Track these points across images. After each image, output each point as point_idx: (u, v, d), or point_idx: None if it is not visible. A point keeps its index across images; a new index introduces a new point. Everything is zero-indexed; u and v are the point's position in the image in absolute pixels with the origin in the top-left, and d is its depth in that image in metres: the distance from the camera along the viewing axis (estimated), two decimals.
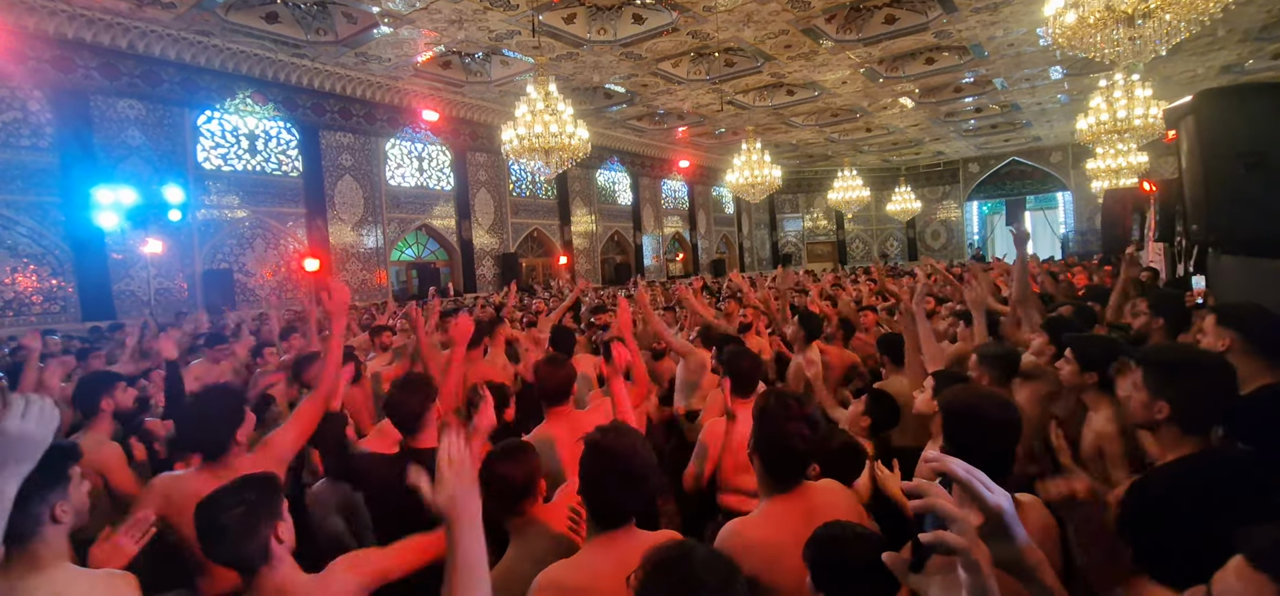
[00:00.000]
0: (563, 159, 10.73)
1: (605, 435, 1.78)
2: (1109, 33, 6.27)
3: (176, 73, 11.21)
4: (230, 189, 12.26)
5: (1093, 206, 21.66)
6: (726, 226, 28.10)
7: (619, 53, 12.83)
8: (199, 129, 11.86)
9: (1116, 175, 15.53)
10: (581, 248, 20.45)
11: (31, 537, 1.62)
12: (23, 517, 1.61)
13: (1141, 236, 9.76)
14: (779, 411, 1.89)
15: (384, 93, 14.12)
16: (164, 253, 11.07)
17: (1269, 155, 2.91)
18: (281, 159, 13.13)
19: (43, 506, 1.65)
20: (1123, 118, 11.35)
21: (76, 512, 1.75)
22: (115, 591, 1.73)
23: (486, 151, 16.82)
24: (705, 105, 17.17)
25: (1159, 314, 3.56)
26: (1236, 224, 3.17)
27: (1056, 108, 19.31)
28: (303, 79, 12.77)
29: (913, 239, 28.61)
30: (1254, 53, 14.90)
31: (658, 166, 23.09)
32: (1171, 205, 6.09)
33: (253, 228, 12.60)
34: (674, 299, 9.52)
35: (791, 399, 1.97)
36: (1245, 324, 2.18)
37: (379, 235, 14.72)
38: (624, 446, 1.74)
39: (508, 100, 14.21)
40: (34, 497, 1.63)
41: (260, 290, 12.68)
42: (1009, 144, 25.34)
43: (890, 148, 24.70)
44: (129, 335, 5.91)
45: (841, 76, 15.24)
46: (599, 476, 1.70)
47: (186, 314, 9.18)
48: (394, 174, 15.24)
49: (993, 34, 12.91)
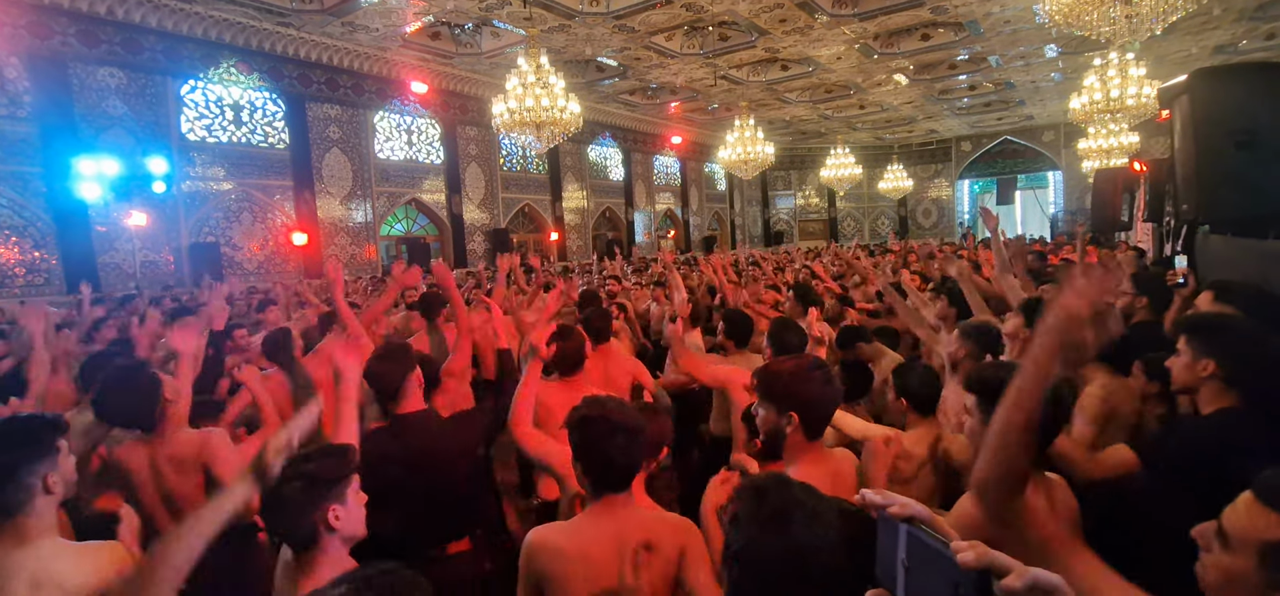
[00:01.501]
0: (554, 133, 10.63)
1: (590, 404, 1.80)
2: (1105, 10, 6.24)
3: (158, 40, 10.96)
4: (216, 160, 12.07)
5: (1083, 186, 21.75)
6: (719, 203, 28.02)
7: (612, 25, 12.66)
8: (182, 99, 11.64)
9: (1107, 155, 15.58)
10: (573, 224, 20.34)
11: (20, 510, 1.62)
12: (15, 489, 1.62)
13: (1130, 217, 9.82)
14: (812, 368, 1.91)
15: (372, 64, 13.89)
16: (149, 225, 10.91)
17: (1261, 135, 2.92)
18: (268, 130, 12.92)
19: (34, 478, 1.65)
20: (1116, 97, 11.35)
21: (66, 483, 1.76)
22: (103, 562, 1.72)
23: (477, 125, 16.63)
24: (698, 80, 17.01)
25: (1143, 292, 3.61)
26: (1226, 203, 3.18)
27: (1050, 86, 19.28)
28: (288, 48, 12.53)
29: (904, 217, 28.67)
30: (1248, 33, 14.89)
31: (650, 142, 22.93)
32: (1161, 185, 6.12)
33: (239, 200, 12.44)
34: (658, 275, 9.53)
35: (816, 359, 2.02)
36: (1245, 302, 2.19)
37: (368, 209, 14.57)
38: (612, 407, 1.77)
39: (498, 73, 14.02)
40: (22, 469, 1.63)
41: (248, 263, 12.55)
42: (1001, 123, 25.32)
43: (883, 125, 24.63)
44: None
45: (836, 52, 15.12)
46: (593, 439, 1.70)
47: (171, 287, 9.09)
48: (383, 147, 15.04)
49: (989, 10, 12.83)
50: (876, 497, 0.82)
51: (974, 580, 0.68)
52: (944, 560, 0.71)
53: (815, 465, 1.86)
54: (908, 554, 0.77)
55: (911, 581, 0.76)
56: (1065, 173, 25.34)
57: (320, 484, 1.60)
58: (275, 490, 1.57)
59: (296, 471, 1.60)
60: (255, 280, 12.10)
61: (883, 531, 0.81)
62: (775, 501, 1.15)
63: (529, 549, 1.70)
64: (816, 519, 1.13)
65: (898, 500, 0.79)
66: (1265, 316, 2.22)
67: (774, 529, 1.12)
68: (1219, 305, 2.22)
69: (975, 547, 0.68)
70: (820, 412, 1.88)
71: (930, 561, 0.74)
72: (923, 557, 0.75)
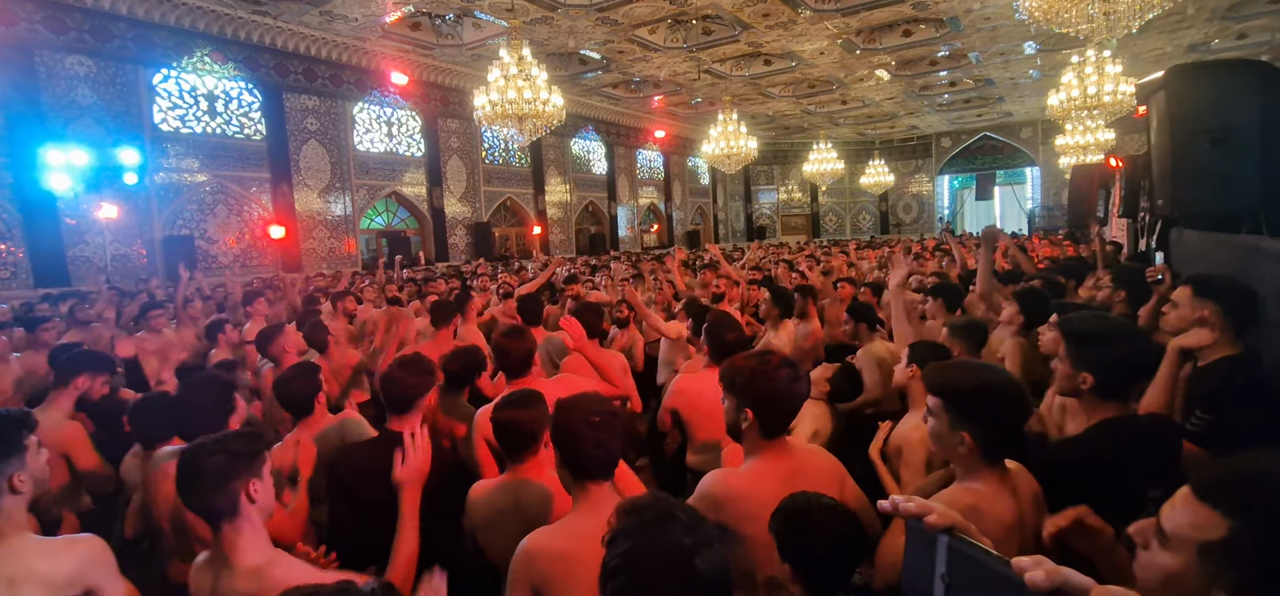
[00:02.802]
0: (537, 126, 10.53)
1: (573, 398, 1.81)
2: (1083, 7, 6.30)
3: (128, 28, 10.68)
4: (190, 152, 11.81)
5: (1060, 182, 22.07)
6: (702, 198, 28.05)
7: (594, 17, 12.58)
8: (155, 88, 11.36)
9: (1084, 151, 15.79)
10: (556, 218, 20.24)
11: None
12: None
13: (1106, 212, 9.96)
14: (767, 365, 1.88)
15: (351, 54, 13.67)
16: (120, 218, 10.66)
17: (1234, 131, 2.95)
18: (243, 121, 12.67)
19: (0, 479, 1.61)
20: (1093, 94, 11.50)
21: (35, 481, 1.73)
22: (82, 555, 1.69)
23: (458, 117, 16.45)
24: (682, 74, 16.98)
25: (1121, 286, 3.67)
26: (1200, 198, 3.22)
27: (1028, 83, 19.52)
28: (265, 38, 12.28)
29: (885, 212, 28.92)
30: (1220, 32, 15.18)
31: (633, 136, 22.86)
32: (1136, 180, 6.20)
33: (214, 193, 12.19)
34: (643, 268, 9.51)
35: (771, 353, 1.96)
36: (1224, 295, 2.21)
37: (347, 202, 14.36)
38: (588, 400, 1.79)
39: (480, 65, 13.87)
40: None
41: (223, 257, 12.32)
42: (981, 119, 25.61)
43: (865, 120, 24.79)
44: None
45: (819, 47, 15.17)
46: (574, 433, 1.71)
47: (145, 282, 8.89)
48: (362, 139, 14.83)
49: (970, 6, 12.93)
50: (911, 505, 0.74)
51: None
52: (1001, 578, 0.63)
53: (771, 462, 1.85)
54: (949, 568, 0.69)
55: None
56: (1043, 169, 25.70)
57: (240, 458, 1.64)
58: (195, 463, 1.61)
59: (215, 447, 1.64)
60: (231, 274, 11.89)
61: (913, 542, 0.73)
62: (656, 509, 1.17)
63: (525, 555, 1.67)
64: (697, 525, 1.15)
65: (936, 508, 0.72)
66: (1239, 309, 2.25)
67: (655, 532, 1.12)
68: (1198, 299, 2.24)
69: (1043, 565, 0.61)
70: (778, 410, 1.86)
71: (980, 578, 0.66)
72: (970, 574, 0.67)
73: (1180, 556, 0.88)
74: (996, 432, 1.59)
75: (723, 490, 1.81)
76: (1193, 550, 0.87)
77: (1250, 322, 2.28)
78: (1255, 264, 2.43)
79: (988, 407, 1.57)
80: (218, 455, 1.62)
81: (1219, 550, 0.84)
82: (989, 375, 1.65)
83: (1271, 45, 16.03)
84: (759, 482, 1.80)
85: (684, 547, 1.11)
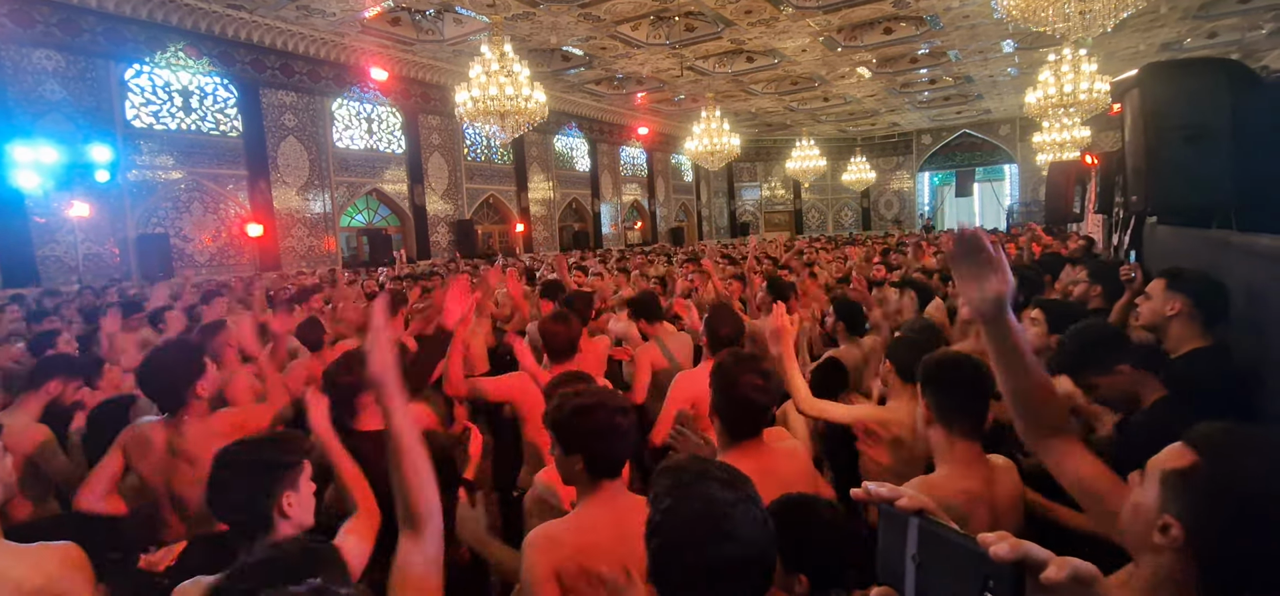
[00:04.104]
0: (519, 123, 10.48)
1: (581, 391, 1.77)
2: (1060, 6, 6.39)
3: (98, 22, 10.44)
4: (164, 149, 11.58)
5: (1037, 179, 22.40)
6: (685, 194, 28.08)
7: (577, 13, 12.52)
8: (127, 84, 11.13)
9: (1061, 148, 16.03)
10: (539, 215, 20.15)
11: None
12: None
13: (1082, 208, 10.12)
14: (734, 367, 1.89)
15: (329, 49, 13.48)
16: (92, 216, 10.43)
17: (1207, 128, 2.99)
18: (219, 118, 12.45)
19: None
20: (1069, 91, 11.67)
21: (4, 486, 1.70)
22: (57, 563, 1.64)
23: (439, 114, 16.30)
24: (665, 70, 16.97)
25: (1097, 282, 3.73)
26: (1173, 194, 3.26)
27: (1007, 81, 19.76)
28: (240, 32, 12.07)
29: (867, 209, 29.15)
30: (1192, 31, 15.47)
31: (617, 133, 22.82)
32: (1111, 177, 6.30)
33: (190, 190, 11.97)
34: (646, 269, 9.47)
35: (746, 355, 1.97)
36: (1195, 289, 2.25)
37: (326, 200, 14.18)
38: (602, 393, 1.76)
39: (461, 60, 13.75)
40: None
41: (200, 256, 12.11)
42: (961, 116, 25.89)
43: (847, 118, 24.96)
44: None
45: (801, 44, 15.23)
46: (593, 427, 1.67)
47: (118, 281, 8.72)
48: (342, 136, 14.64)
49: (949, 4, 13.06)
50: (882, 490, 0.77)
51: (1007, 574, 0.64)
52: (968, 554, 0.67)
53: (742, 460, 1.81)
54: (919, 549, 0.72)
55: (924, 577, 0.71)
56: (1021, 165, 26.06)
57: (277, 468, 1.54)
58: (225, 475, 1.51)
59: (251, 455, 1.53)
60: (207, 273, 11.69)
61: (886, 526, 0.76)
62: (695, 469, 1.21)
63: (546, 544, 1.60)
64: (736, 482, 1.19)
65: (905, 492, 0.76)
66: (1211, 302, 2.30)
67: (695, 488, 1.16)
68: (1171, 292, 2.28)
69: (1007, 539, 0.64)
70: (742, 413, 1.87)
71: (949, 556, 0.69)
72: (939, 552, 0.70)
73: (1150, 489, 1.00)
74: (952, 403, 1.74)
75: None
76: (1159, 478, 0.99)
77: (1221, 316, 2.32)
78: (1225, 258, 2.48)
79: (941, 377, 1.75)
80: (247, 463, 1.52)
81: (1177, 477, 0.96)
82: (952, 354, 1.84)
83: (1241, 44, 16.38)
84: None
85: (724, 501, 1.15)
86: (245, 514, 1.52)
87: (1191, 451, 0.97)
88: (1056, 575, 0.64)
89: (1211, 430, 0.99)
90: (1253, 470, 0.92)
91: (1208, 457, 0.95)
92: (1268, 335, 2.04)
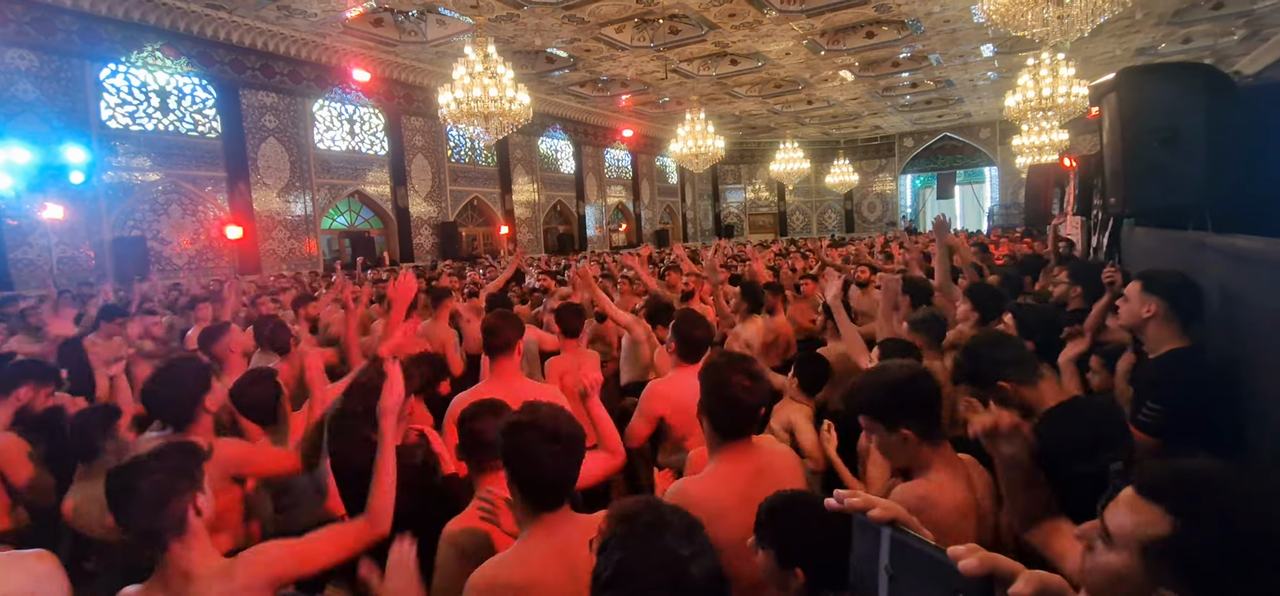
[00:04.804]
0: (503, 125, 10.42)
1: (529, 412, 1.65)
2: (1039, 11, 6.48)
3: (73, 21, 10.25)
4: (140, 150, 11.38)
5: (1017, 181, 22.70)
6: (670, 197, 28.12)
7: (561, 16, 12.49)
8: (102, 84, 10.93)
9: (1039, 151, 16.27)
10: (523, 217, 20.07)
11: None
12: None
13: (1061, 210, 10.27)
14: (724, 367, 1.89)
15: (310, 50, 13.33)
16: (66, 218, 10.22)
17: (1181, 131, 3.04)
18: (198, 119, 12.26)
19: None
20: (1048, 95, 11.84)
21: None
22: (31, 572, 1.61)
23: (423, 115, 16.18)
24: (649, 73, 16.99)
25: (1077, 282, 3.78)
26: (1149, 196, 3.30)
27: (986, 84, 20.02)
28: (219, 32, 11.90)
29: (850, 211, 29.38)
30: (1166, 36, 15.78)
31: (601, 135, 22.80)
32: (1089, 179, 6.39)
33: (167, 192, 11.77)
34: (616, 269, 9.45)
35: (737, 356, 1.98)
36: (1171, 291, 2.28)
37: (308, 202, 14.01)
38: (549, 416, 1.62)
39: (445, 62, 13.67)
40: None
41: (178, 259, 11.91)
42: (942, 119, 26.19)
43: (830, 121, 25.14)
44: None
45: (784, 47, 15.32)
46: (530, 452, 1.56)
47: (91, 285, 8.54)
48: (323, 137, 14.48)
49: (930, 9, 13.20)
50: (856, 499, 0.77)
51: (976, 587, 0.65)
52: (939, 566, 0.67)
53: (732, 463, 1.85)
54: (891, 559, 0.73)
55: (896, 588, 0.72)
56: (1001, 168, 26.40)
57: (180, 473, 1.57)
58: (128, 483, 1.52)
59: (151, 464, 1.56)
60: (186, 276, 11.50)
61: (859, 536, 0.77)
62: (649, 516, 1.14)
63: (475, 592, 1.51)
64: (692, 532, 1.13)
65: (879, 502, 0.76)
66: (1186, 303, 2.33)
67: (649, 540, 1.10)
68: (1146, 294, 2.31)
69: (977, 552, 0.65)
70: (733, 413, 1.86)
71: (920, 567, 0.70)
72: (911, 563, 0.71)
73: (1124, 555, 0.89)
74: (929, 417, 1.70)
75: (681, 500, 1.73)
76: (1137, 548, 0.87)
77: (1195, 316, 2.36)
78: (1201, 258, 2.52)
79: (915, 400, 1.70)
80: (156, 474, 1.53)
81: (1162, 548, 0.85)
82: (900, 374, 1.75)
83: (1214, 50, 16.73)
84: (720, 485, 1.79)
85: (680, 557, 1.09)
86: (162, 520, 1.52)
87: (1161, 513, 0.86)
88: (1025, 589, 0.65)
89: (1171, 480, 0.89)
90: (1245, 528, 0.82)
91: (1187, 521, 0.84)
92: (1243, 334, 2.08)
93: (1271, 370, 1.83)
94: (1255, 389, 1.97)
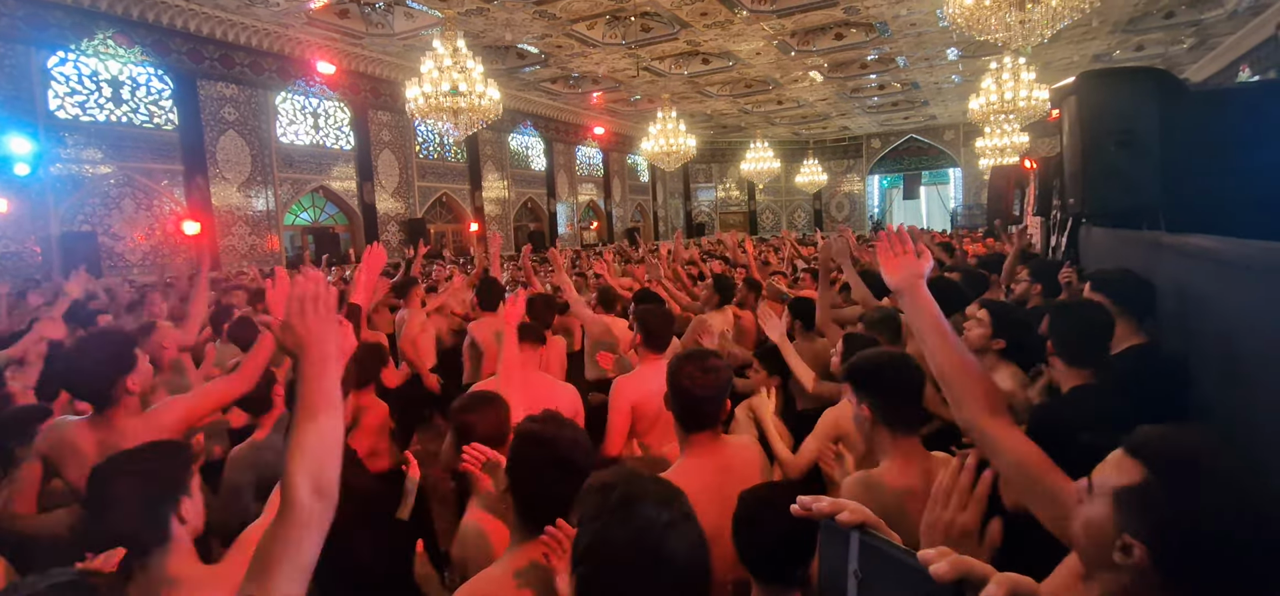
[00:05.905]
0: (472, 121, 10.27)
1: (541, 423, 1.59)
2: (1002, 16, 6.63)
3: (19, 5, 9.80)
4: (91, 142, 10.94)
5: (980, 183, 23.25)
6: (641, 195, 28.12)
7: (532, 11, 12.38)
8: (50, 72, 10.47)
9: (1001, 153, 16.68)
10: (493, 214, 19.85)
11: None
12: None
13: (1022, 211, 10.56)
14: (682, 360, 1.91)
15: (272, 41, 12.98)
16: (11, 212, 9.78)
17: (1137, 134, 3.13)
18: (153, 110, 11.84)
19: None
20: (1010, 98, 12.14)
21: None
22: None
23: (390, 110, 15.88)
24: (621, 70, 16.94)
25: (1037, 280, 3.88)
26: (1106, 197, 3.39)
27: (951, 87, 20.45)
28: (176, 21, 11.50)
29: (819, 210, 29.75)
30: (1121, 44, 16.32)
31: (573, 132, 22.68)
32: (1049, 181, 6.57)
33: (120, 186, 11.34)
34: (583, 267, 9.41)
35: (693, 351, 1.99)
36: (1118, 288, 2.35)
37: (270, 197, 13.64)
38: (565, 436, 1.57)
39: (412, 55, 13.43)
40: None
41: (131, 255, 11.48)
42: (908, 121, 26.67)
43: (800, 121, 25.41)
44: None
45: (755, 47, 15.42)
46: (536, 468, 1.51)
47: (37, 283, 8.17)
48: (286, 131, 14.11)
49: (897, 12, 13.42)
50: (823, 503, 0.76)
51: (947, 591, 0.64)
52: (909, 570, 0.66)
53: (700, 457, 1.87)
54: (860, 563, 0.71)
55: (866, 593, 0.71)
56: (964, 170, 26.99)
57: (163, 478, 1.48)
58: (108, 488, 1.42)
59: (146, 465, 1.47)
60: (140, 273, 11.10)
61: (827, 539, 0.75)
62: (623, 491, 1.11)
63: None
64: (670, 500, 1.11)
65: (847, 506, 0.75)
66: (1136, 300, 2.40)
67: (624, 512, 1.08)
68: (1095, 294, 2.37)
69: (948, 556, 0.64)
70: (694, 405, 1.87)
71: (890, 571, 0.69)
72: (880, 568, 0.70)
73: (1100, 504, 0.95)
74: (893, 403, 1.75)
75: None
76: (1110, 496, 0.93)
77: (1148, 312, 2.43)
78: (1155, 257, 2.59)
79: (882, 379, 1.76)
80: (134, 476, 1.43)
81: (1129, 495, 0.91)
82: (885, 354, 1.86)
83: (1165, 57, 17.35)
84: (688, 478, 1.78)
85: (656, 527, 1.06)
86: (145, 526, 1.43)
87: (1138, 464, 0.92)
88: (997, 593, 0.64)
89: (1154, 438, 0.94)
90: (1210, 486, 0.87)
91: (1158, 472, 0.90)
92: (1195, 330, 2.14)
93: (1220, 362, 1.89)
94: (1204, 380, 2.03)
